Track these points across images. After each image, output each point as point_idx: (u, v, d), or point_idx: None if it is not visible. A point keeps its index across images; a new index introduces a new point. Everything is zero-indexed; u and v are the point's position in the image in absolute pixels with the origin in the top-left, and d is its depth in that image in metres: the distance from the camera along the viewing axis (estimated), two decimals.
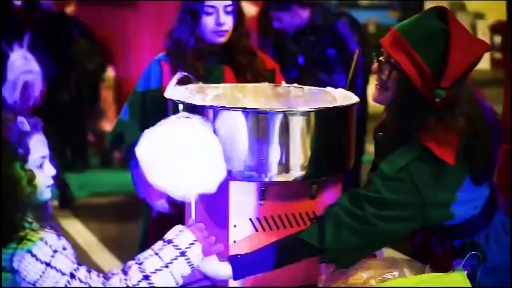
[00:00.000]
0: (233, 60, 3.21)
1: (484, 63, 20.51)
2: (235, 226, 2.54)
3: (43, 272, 2.08)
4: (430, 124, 2.31)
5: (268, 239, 2.55)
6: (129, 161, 3.21)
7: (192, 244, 2.24)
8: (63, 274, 2.09)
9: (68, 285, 2.09)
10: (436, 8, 2.36)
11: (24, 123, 2.18)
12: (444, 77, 2.24)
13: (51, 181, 2.25)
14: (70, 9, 7.41)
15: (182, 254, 2.22)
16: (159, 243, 2.24)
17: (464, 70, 2.28)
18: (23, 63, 2.64)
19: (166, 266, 2.19)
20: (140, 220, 3.56)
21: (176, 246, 2.23)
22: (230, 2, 3.15)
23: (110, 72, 7.81)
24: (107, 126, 7.39)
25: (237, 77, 3.18)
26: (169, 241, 2.24)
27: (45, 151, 2.23)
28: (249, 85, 3.03)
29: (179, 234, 2.25)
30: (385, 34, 2.41)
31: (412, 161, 2.31)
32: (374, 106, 2.73)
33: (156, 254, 2.21)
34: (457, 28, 2.30)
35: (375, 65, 2.43)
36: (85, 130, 7.67)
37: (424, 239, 2.60)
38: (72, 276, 2.10)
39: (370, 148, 6.95)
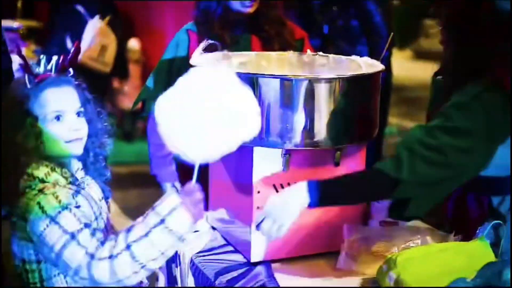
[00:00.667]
0: (261, 29, 3.20)
1: None
2: (259, 192, 2.54)
3: (47, 226, 2.09)
4: (497, 57, 2.39)
5: None
6: (148, 131, 3.22)
7: (173, 209, 2.11)
8: (65, 232, 2.08)
9: (66, 244, 2.08)
10: None
11: (25, 82, 2.22)
12: None
13: (73, 136, 2.25)
14: None
15: (162, 221, 2.10)
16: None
17: None
18: None
19: (146, 235, 2.09)
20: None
21: (157, 212, 2.12)
22: None
23: (134, 44, 7.75)
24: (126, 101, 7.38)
25: (265, 46, 3.17)
26: (153, 208, 2.14)
27: (65, 105, 2.25)
28: (274, 53, 3.03)
29: (163, 199, 2.14)
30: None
31: (483, 91, 2.37)
32: (398, 78, 2.74)
33: (143, 221, 2.14)
34: None
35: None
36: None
37: (460, 198, 2.61)
38: (73, 236, 2.08)
39: (392, 120, 6.95)
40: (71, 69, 2.31)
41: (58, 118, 2.23)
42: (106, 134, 2.43)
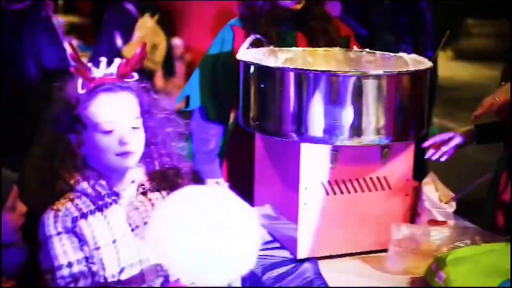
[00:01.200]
0: (307, 26, 3.17)
1: None
2: (306, 188, 2.52)
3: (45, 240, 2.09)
4: None
5: (338, 202, 2.55)
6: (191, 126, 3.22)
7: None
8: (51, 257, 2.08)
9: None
10: None
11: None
12: None
13: (124, 149, 2.10)
14: None
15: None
16: None
17: None
18: None
19: None
20: None
21: None
22: None
23: (177, 41, 7.71)
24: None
25: (310, 43, 3.14)
26: None
27: (119, 116, 2.10)
28: (320, 49, 3.00)
29: None
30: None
31: None
32: (443, 78, 2.72)
33: None
34: None
35: None
36: None
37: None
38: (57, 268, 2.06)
39: (433, 120, 6.88)
40: (135, 74, 2.19)
41: (109, 131, 2.09)
42: (175, 141, 2.26)
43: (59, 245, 2.06)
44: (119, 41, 6.36)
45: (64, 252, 2.06)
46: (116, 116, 2.10)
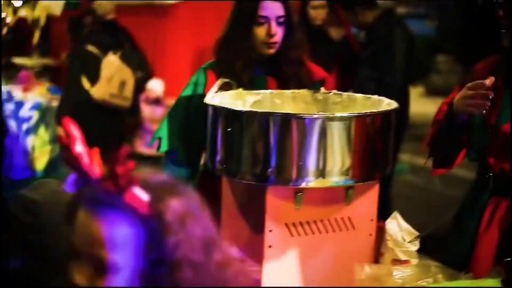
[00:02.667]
0: (279, 70, 3.21)
1: None
2: (271, 231, 2.56)
3: None
4: None
5: (303, 244, 2.59)
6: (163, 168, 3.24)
7: None
8: None
9: None
10: None
11: None
12: None
13: None
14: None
15: None
16: None
17: None
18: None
19: None
20: None
21: None
22: (283, 13, 3.14)
23: (153, 84, 7.71)
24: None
25: (280, 87, 3.17)
26: None
27: None
28: (288, 92, 3.05)
29: None
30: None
31: None
32: (414, 115, 2.78)
33: None
34: None
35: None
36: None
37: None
38: None
39: (404, 157, 6.94)
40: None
41: None
42: None
43: None
44: (86, 84, 6.41)
45: None
46: None
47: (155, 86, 7.51)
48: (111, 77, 6.35)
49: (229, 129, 2.59)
